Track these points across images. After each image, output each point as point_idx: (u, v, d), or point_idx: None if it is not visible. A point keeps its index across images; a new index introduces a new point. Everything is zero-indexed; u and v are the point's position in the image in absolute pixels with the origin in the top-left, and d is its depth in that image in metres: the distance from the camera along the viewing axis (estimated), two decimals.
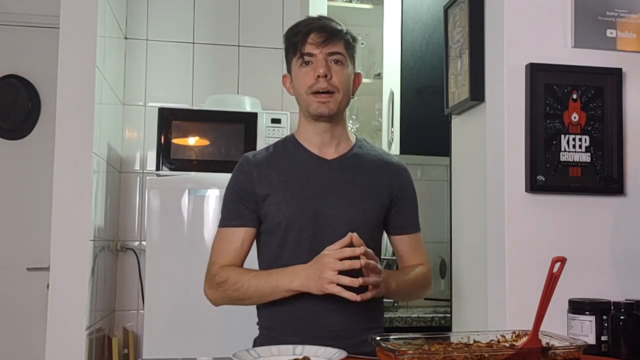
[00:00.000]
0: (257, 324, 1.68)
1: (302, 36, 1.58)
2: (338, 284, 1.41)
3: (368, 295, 1.42)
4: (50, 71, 2.49)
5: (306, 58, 1.58)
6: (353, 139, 1.71)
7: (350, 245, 1.44)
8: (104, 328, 2.70)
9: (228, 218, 1.65)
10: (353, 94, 1.68)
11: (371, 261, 1.43)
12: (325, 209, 1.59)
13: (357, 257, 1.42)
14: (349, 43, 1.61)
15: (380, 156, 1.71)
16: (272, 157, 1.66)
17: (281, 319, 1.59)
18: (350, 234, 1.45)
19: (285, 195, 1.60)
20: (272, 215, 1.60)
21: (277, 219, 1.60)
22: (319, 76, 1.56)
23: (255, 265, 1.67)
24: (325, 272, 1.41)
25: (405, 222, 1.70)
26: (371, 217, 1.62)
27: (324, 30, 1.58)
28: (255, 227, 1.64)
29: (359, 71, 1.70)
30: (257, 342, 1.64)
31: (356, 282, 1.39)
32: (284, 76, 1.71)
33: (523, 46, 1.77)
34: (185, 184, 2.43)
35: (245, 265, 1.65)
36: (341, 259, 1.41)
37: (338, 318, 1.56)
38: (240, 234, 1.62)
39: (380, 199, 1.64)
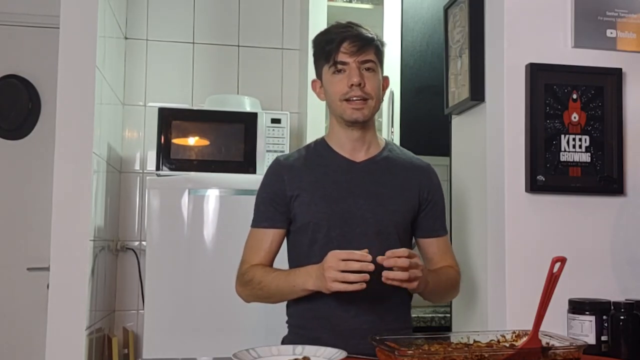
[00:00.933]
0: (287, 322, 1.71)
1: (335, 44, 1.60)
2: (345, 282, 1.41)
3: (404, 284, 1.43)
4: (50, 71, 2.48)
5: (339, 67, 1.61)
6: (382, 142, 1.75)
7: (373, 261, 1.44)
8: (104, 328, 2.70)
9: (259, 219, 1.70)
10: (382, 98, 1.70)
11: (401, 258, 1.42)
12: (354, 210, 1.62)
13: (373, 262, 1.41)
14: (378, 49, 1.65)
15: (410, 159, 1.74)
16: (303, 160, 1.71)
17: (310, 317, 1.63)
18: (364, 252, 1.43)
19: (314, 196, 1.63)
20: (301, 215, 1.64)
21: (306, 218, 1.63)
22: (352, 84, 1.59)
23: (286, 265, 1.71)
24: (328, 271, 1.43)
25: (434, 225, 1.72)
26: (399, 219, 1.65)
27: (357, 39, 1.60)
28: (284, 228, 1.68)
29: (386, 75, 1.72)
30: (286, 340, 1.67)
31: (359, 277, 1.39)
32: (313, 81, 1.73)
33: (523, 46, 1.77)
34: (185, 184, 2.43)
35: (276, 265, 1.69)
36: (347, 260, 1.41)
37: (365, 318, 1.59)
38: (270, 235, 1.67)
39: (409, 201, 1.67)
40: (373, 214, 1.62)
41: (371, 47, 1.62)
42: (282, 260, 1.72)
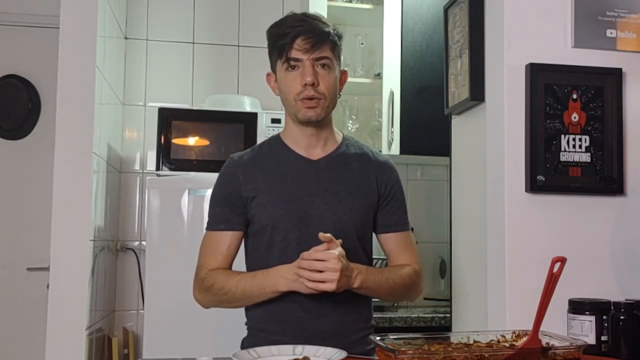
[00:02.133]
0: (246, 324, 1.67)
1: (289, 40, 1.54)
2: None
3: (320, 286, 1.43)
4: (50, 71, 2.49)
5: (292, 63, 1.56)
6: (339, 138, 1.70)
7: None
8: (104, 328, 2.70)
9: (215, 222, 1.64)
10: (340, 93, 1.65)
11: (320, 259, 1.42)
12: (312, 210, 1.58)
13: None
14: (335, 44, 1.59)
15: (367, 154, 1.69)
16: (258, 159, 1.65)
17: (271, 319, 1.59)
18: (323, 236, 1.45)
19: (271, 197, 1.59)
20: (258, 217, 1.60)
21: (263, 221, 1.59)
22: (306, 84, 1.54)
23: (243, 267, 1.67)
24: (302, 272, 1.43)
25: (391, 220, 1.68)
26: (358, 216, 1.61)
27: (311, 35, 1.54)
28: (242, 230, 1.63)
29: (345, 69, 1.68)
30: (245, 343, 1.63)
31: (325, 277, 1.41)
32: (268, 74, 1.67)
33: (523, 46, 1.77)
34: (185, 184, 2.43)
35: (234, 267, 1.65)
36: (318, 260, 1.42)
37: (328, 319, 1.57)
38: (227, 238, 1.62)
39: (367, 197, 1.63)
40: (332, 213, 1.58)
41: (327, 43, 1.55)
42: (238, 263, 1.67)
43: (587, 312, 1.60)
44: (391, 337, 1.23)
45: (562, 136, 1.75)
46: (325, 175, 1.62)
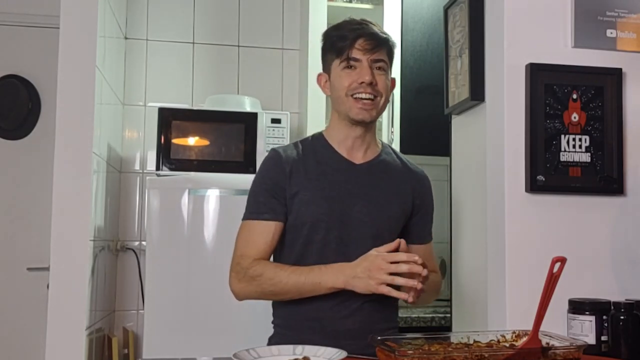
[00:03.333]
0: (273, 322, 1.69)
1: (350, 40, 1.59)
2: (389, 285, 1.42)
3: (414, 298, 1.43)
4: (50, 71, 2.48)
5: (351, 62, 1.60)
6: (380, 145, 1.73)
7: (398, 250, 1.46)
8: (104, 328, 2.70)
9: (259, 211, 1.62)
10: (388, 99, 1.69)
11: (425, 270, 1.43)
12: (352, 212, 1.60)
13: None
14: (390, 50, 1.64)
15: (405, 164, 1.74)
16: (303, 155, 1.66)
17: (298, 318, 1.61)
18: (398, 239, 1.47)
19: (314, 195, 1.61)
20: (299, 213, 1.61)
21: (304, 217, 1.60)
22: (363, 82, 1.57)
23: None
24: (377, 272, 1.42)
25: (423, 232, 1.73)
26: (394, 223, 1.64)
27: (372, 37, 1.60)
28: (284, 222, 1.63)
29: (393, 77, 1.71)
30: (273, 341, 1.65)
31: (412, 282, 1.40)
32: (319, 75, 1.71)
33: (523, 46, 1.77)
34: (185, 184, 2.43)
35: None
36: (392, 262, 1.42)
37: (355, 318, 1.58)
38: (272, 227, 1.61)
39: (403, 206, 1.67)
40: (371, 217, 1.61)
41: (384, 47, 1.62)
42: None
43: (587, 312, 1.60)
44: (391, 337, 1.23)
45: (562, 136, 1.75)
46: (366, 180, 1.65)
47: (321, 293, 1.53)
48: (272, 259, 1.66)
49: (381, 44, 1.61)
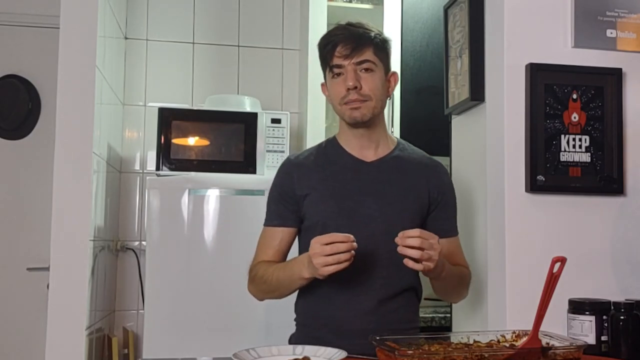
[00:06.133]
0: (295, 320, 1.72)
1: (330, 49, 1.60)
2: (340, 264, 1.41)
3: (417, 266, 1.42)
4: (50, 71, 2.48)
5: (335, 70, 1.61)
6: (394, 141, 1.74)
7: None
8: (104, 328, 2.70)
9: (270, 218, 1.71)
10: (390, 95, 1.69)
11: (412, 238, 1.41)
12: (362, 209, 1.61)
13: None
14: (378, 47, 1.62)
15: (421, 158, 1.73)
16: (313, 158, 1.71)
17: (315, 316, 1.64)
18: (347, 235, 1.44)
19: (323, 195, 1.64)
20: (311, 213, 1.64)
21: (315, 217, 1.64)
22: (348, 88, 1.58)
23: None
24: (315, 257, 1.42)
25: (444, 226, 1.70)
26: (407, 218, 1.63)
27: (350, 41, 1.59)
28: (295, 226, 1.69)
29: (394, 71, 1.70)
30: (293, 338, 1.68)
31: (347, 255, 1.39)
32: (322, 85, 1.73)
33: (523, 46, 1.77)
34: (185, 184, 2.43)
35: None
36: (329, 243, 1.41)
37: (369, 318, 1.59)
38: (280, 233, 1.68)
39: (418, 200, 1.66)
40: (381, 213, 1.61)
41: (368, 46, 1.59)
42: None
43: (587, 312, 1.60)
44: (391, 337, 1.23)
45: (562, 136, 1.75)
46: (377, 176, 1.65)
47: (299, 284, 1.57)
48: None
49: (362, 45, 1.59)
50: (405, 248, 1.41)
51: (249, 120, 2.63)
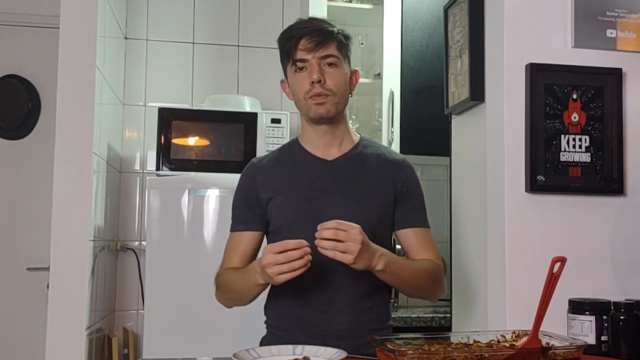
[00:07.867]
0: (265, 322, 1.69)
1: (294, 42, 1.58)
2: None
3: (338, 256, 1.38)
4: (50, 71, 2.49)
5: (299, 64, 1.59)
6: (356, 138, 1.72)
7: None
8: (104, 328, 2.70)
9: (235, 223, 1.71)
10: (351, 92, 1.68)
11: (326, 230, 1.38)
12: (327, 209, 1.59)
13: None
14: (341, 43, 1.61)
15: (384, 154, 1.71)
16: (276, 161, 1.69)
17: (287, 317, 1.61)
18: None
19: (287, 197, 1.62)
20: (275, 217, 1.63)
21: (280, 220, 1.62)
22: (313, 82, 1.56)
23: None
24: (268, 267, 1.39)
25: (408, 217, 1.68)
26: (374, 216, 1.61)
27: (314, 34, 1.57)
28: (261, 230, 1.67)
29: (356, 68, 1.70)
30: (264, 341, 1.65)
31: (303, 261, 1.37)
32: (282, 81, 1.71)
33: (523, 46, 1.77)
34: (185, 184, 2.43)
35: None
36: (282, 252, 1.38)
37: (342, 318, 1.57)
38: (245, 238, 1.67)
39: (384, 196, 1.64)
40: (347, 211, 1.57)
41: (332, 41, 1.58)
42: None
43: (587, 312, 1.60)
44: (391, 337, 1.23)
45: (562, 136, 1.75)
46: (341, 174, 1.64)
47: (257, 290, 1.54)
48: None
49: (326, 39, 1.58)
50: (321, 240, 1.38)
51: (248, 120, 2.63)
